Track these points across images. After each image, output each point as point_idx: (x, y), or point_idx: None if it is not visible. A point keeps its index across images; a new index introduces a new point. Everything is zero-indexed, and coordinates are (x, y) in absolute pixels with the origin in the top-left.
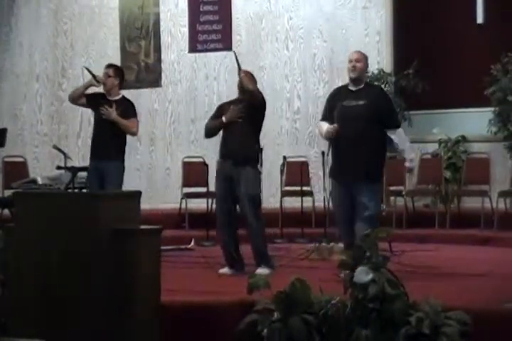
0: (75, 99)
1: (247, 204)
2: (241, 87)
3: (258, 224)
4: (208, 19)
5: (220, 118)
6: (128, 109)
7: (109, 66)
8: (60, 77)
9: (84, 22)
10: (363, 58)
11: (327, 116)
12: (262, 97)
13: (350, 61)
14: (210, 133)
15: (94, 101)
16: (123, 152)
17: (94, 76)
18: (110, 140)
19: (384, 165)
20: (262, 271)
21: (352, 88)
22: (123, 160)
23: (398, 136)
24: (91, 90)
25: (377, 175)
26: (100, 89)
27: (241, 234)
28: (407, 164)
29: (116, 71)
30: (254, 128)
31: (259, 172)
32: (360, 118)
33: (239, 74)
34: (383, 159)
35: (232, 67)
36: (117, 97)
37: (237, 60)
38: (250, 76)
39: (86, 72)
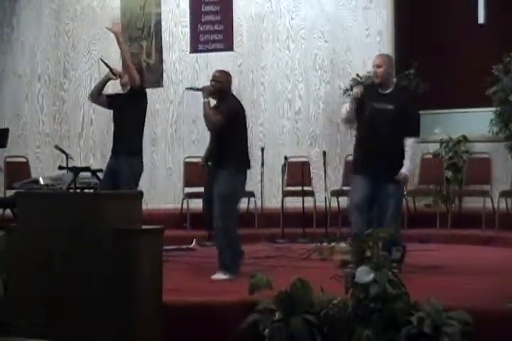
0: (94, 97)
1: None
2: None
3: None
4: (210, 19)
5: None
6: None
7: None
8: (61, 78)
9: (86, 22)
10: (385, 62)
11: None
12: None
13: (373, 67)
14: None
15: (113, 102)
16: (141, 148)
17: (111, 69)
18: (125, 137)
19: None
20: (217, 276)
21: (382, 91)
22: (141, 157)
23: (412, 149)
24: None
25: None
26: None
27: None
28: None
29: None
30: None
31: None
32: (388, 122)
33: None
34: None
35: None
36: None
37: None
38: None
39: (102, 64)
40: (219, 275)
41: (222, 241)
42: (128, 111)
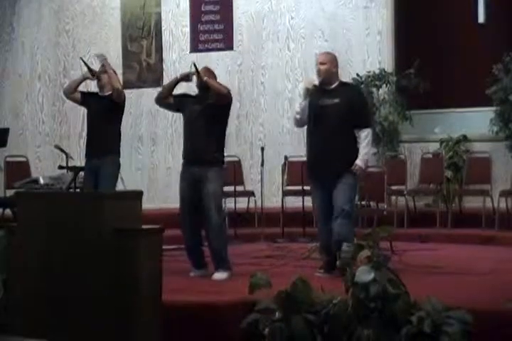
0: (67, 93)
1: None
2: (205, 88)
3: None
4: (210, 19)
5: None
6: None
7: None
8: (61, 77)
9: (85, 22)
10: (329, 60)
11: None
12: (230, 96)
13: (316, 64)
14: (160, 96)
15: (87, 99)
16: (118, 147)
17: (90, 69)
18: (104, 135)
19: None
20: (221, 275)
21: (326, 87)
22: (118, 155)
23: (366, 139)
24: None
25: (351, 170)
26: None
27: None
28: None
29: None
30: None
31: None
32: (335, 116)
33: (198, 77)
34: (355, 155)
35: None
36: (108, 93)
37: (195, 67)
38: (213, 75)
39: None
40: (222, 275)
41: (221, 238)
42: (109, 112)
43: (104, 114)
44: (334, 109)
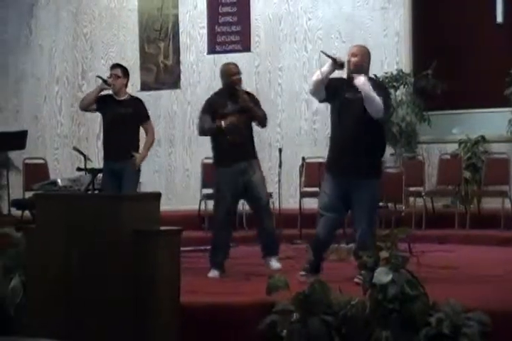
0: (85, 107)
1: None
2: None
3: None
4: (227, 20)
5: (217, 123)
6: (141, 110)
7: (116, 66)
8: (79, 79)
9: (103, 24)
10: (361, 52)
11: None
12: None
13: (348, 55)
14: (204, 134)
15: (103, 104)
16: (139, 149)
17: (105, 81)
18: (126, 140)
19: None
20: (275, 264)
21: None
22: None
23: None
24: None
25: (376, 171)
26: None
27: None
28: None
29: (124, 71)
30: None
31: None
32: (359, 111)
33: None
34: (382, 153)
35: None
36: (125, 97)
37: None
38: (255, 100)
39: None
40: (277, 264)
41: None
42: (130, 118)
43: (126, 118)
44: (359, 104)
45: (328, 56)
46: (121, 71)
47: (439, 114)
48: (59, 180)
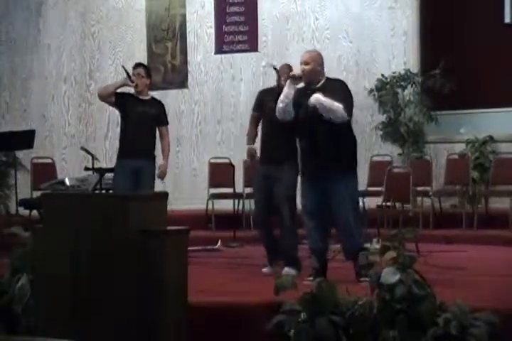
0: (103, 97)
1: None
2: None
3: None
4: (234, 20)
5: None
6: (162, 114)
7: (139, 65)
8: (87, 79)
9: (111, 24)
10: (313, 58)
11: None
12: None
13: (300, 63)
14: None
15: (122, 101)
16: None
17: (129, 76)
18: (147, 140)
19: (356, 156)
20: (289, 270)
21: (313, 87)
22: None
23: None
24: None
25: (350, 167)
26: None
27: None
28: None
29: (147, 71)
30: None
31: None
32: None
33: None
34: (353, 152)
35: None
36: (148, 97)
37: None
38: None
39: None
40: (290, 270)
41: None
42: (151, 119)
43: (151, 118)
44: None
45: (277, 72)
46: (144, 71)
47: (446, 113)
48: (67, 180)
